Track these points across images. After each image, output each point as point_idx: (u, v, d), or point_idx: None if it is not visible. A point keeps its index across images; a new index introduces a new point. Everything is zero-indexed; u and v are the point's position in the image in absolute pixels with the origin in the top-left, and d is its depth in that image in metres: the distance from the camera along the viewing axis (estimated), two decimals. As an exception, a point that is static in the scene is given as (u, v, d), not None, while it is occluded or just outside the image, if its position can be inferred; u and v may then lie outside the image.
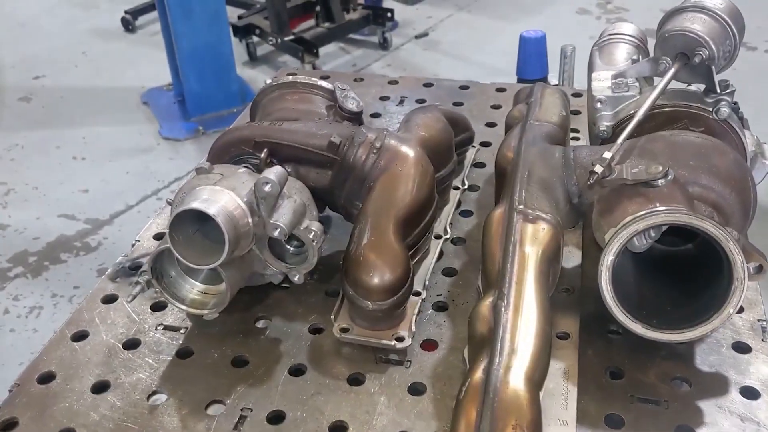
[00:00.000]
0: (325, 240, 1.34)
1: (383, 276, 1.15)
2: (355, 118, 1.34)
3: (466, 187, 1.53)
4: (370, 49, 5.29)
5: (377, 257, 1.16)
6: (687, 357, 1.17)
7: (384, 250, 1.17)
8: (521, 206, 1.15)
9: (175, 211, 1.04)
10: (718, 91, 1.26)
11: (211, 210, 1.03)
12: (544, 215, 1.15)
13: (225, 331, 1.23)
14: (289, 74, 1.63)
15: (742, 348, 1.18)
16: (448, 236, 1.39)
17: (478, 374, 0.96)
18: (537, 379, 0.97)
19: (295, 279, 1.19)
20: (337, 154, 1.26)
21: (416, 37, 5.43)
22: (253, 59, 5.16)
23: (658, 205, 1.09)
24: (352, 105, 1.32)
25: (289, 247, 1.21)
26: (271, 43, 5.01)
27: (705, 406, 1.09)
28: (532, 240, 1.11)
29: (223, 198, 1.06)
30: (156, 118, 4.57)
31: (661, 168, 1.10)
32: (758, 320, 1.22)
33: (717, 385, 1.12)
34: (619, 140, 1.17)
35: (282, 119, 1.32)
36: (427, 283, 1.28)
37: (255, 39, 5.14)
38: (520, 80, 2.64)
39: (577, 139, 1.66)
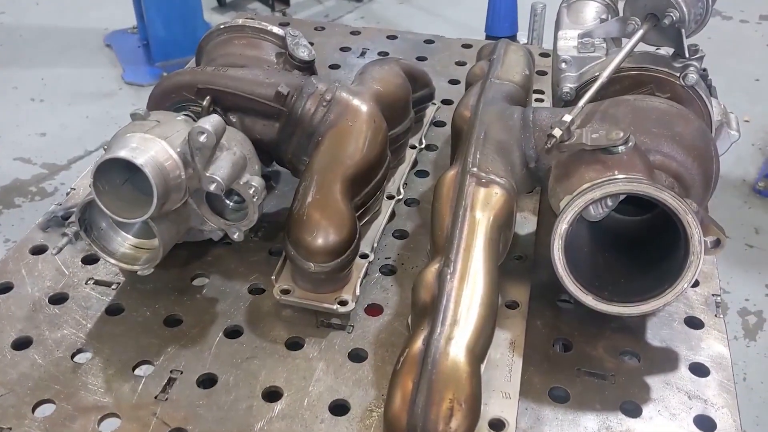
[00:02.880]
0: (268, 196, 1.29)
1: (327, 237, 1.09)
2: (307, 67, 1.26)
3: (423, 146, 1.47)
4: (343, 0, 5.14)
5: (322, 217, 1.10)
6: (638, 330, 1.13)
7: (329, 209, 1.11)
8: (474, 169, 1.09)
9: (100, 160, 0.97)
10: (687, 55, 1.20)
11: (139, 160, 0.95)
12: (498, 179, 1.09)
13: (159, 288, 1.17)
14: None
15: (694, 323, 1.14)
16: (401, 197, 1.33)
17: (418, 344, 0.92)
18: (479, 351, 0.92)
19: (235, 236, 1.13)
20: (284, 105, 1.18)
21: (391, -11, 5.29)
22: (222, 5, 4.99)
23: (616, 172, 1.03)
24: (303, 53, 1.24)
25: (228, 202, 1.14)
26: (241, -12, 4.85)
27: (653, 382, 1.05)
28: (484, 205, 1.06)
29: (153, 147, 0.99)
30: (119, 61, 4.42)
31: (621, 134, 1.04)
32: (713, 295, 1.19)
33: (666, 361, 1.09)
34: (581, 103, 1.11)
35: (228, 65, 1.24)
36: (375, 245, 1.23)
37: (225, -16, 4.97)
38: (488, 38, 2.56)
39: (542, 101, 1.60)
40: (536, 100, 1.55)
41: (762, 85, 4.32)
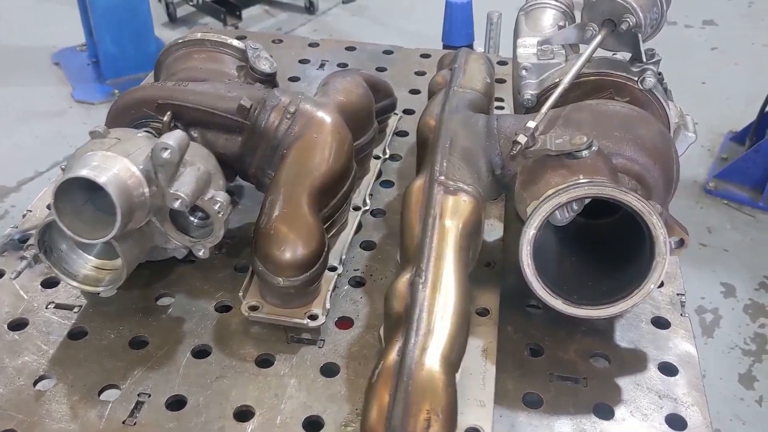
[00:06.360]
0: (233, 211, 1.26)
1: (296, 251, 1.07)
2: (268, 80, 1.24)
3: (387, 156, 1.47)
4: (295, 12, 5.13)
5: (289, 230, 1.09)
6: (607, 332, 1.14)
7: (297, 222, 1.09)
8: (442, 177, 1.09)
9: (61, 179, 0.94)
10: (644, 60, 1.22)
11: (101, 178, 0.93)
12: (465, 187, 1.09)
13: (123, 310, 1.14)
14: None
15: (661, 323, 1.16)
16: (367, 208, 1.33)
17: (393, 355, 0.91)
18: (454, 360, 0.92)
19: (200, 254, 1.10)
20: (247, 119, 1.17)
21: (343, 2, 5.30)
22: (173, 20, 4.93)
23: (581, 177, 1.04)
24: (264, 66, 1.23)
25: (193, 219, 1.12)
26: (191, 3, 4.80)
27: (623, 383, 1.06)
28: (453, 213, 1.06)
29: (116, 165, 0.96)
30: (68, 79, 4.32)
31: (585, 139, 1.06)
32: (677, 294, 1.21)
33: (636, 362, 1.10)
34: (543, 109, 1.12)
35: (188, 79, 1.22)
36: (343, 257, 1.22)
37: (176, -1, 4.91)
38: (446, 47, 2.57)
39: (502, 108, 1.61)
40: (497, 107, 1.56)
41: (708, 87, 4.44)
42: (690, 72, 4.56)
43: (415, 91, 1.70)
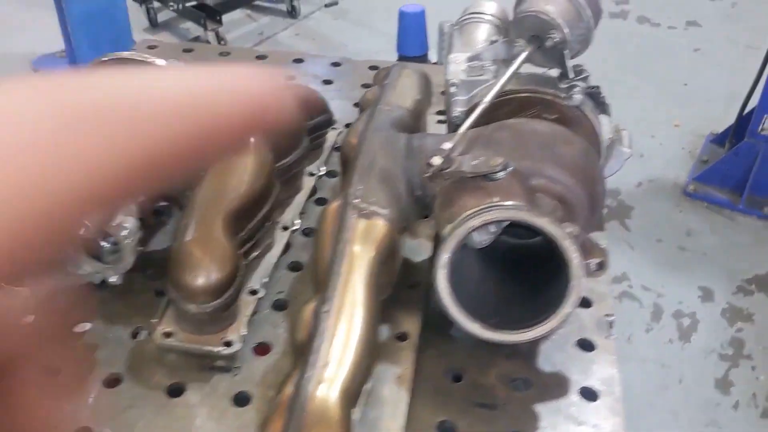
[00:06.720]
0: (159, 231, 1.25)
1: (209, 276, 1.05)
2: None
3: (323, 173, 1.44)
4: (277, 17, 5.12)
5: (203, 255, 1.06)
6: (531, 356, 1.12)
7: (210, 246, 1.07)
8: (357, 200, 1.07)
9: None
10: (571, 76, 1.20)
11: None
12: (381, 210, 1.07)
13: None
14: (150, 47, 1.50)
15: (586, 345, 1.14)
16: (296, 228, 1.31)
17: (289, 387, 0.89)
18: (353, 393, 0.90)
19: (112, 280, 1.09)
20: (163, 141, 1.14)
21: (326, 5, 5.28)
22: (154, 25, 4.92)
23: (496, 199, 1.02)
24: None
25: (105, 244, 1.10)
26: (172, 8, 4.79)
27: (543, 409, 1.04)
28: (365, 238, 1.03)
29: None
30: (47, 86, 4.31)
31: (500, 160, 1.03)
32: (605, 315, 1.18)
33: (557, 387, 1.08)
34: (461, 129, 1.10)
35: (107, 101, 1.19)
36: (266, 279, 1.19)
37: (156, 4, 4.90)
38: (400, 57, 2.55)
39: (444, 122, 1.59)
40: (439, 122, 1.54)
41: (690, 89, 4.42)
42: (672, 73, 4.54)
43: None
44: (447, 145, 1.06)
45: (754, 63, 3.57)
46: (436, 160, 1.05)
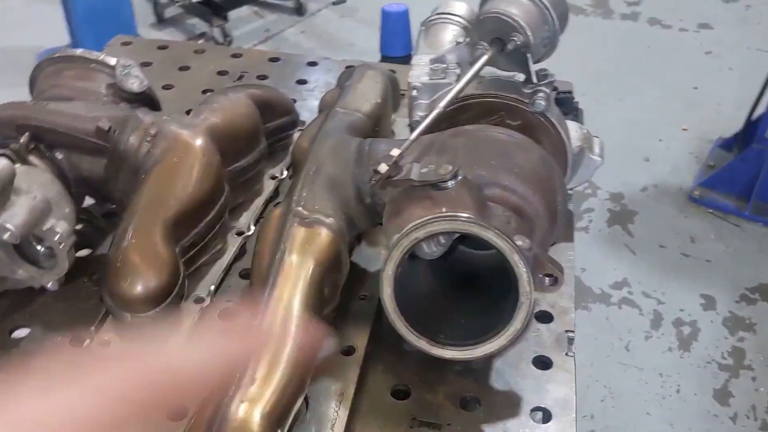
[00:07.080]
0: (109, 234, 1.21)
1: (146, 284, 1.02)
2: (139, 99, 1.19)
3: (284, 176, 1.40)
4: (284, 14, 5.08)
5: (140, 262, 1.03)
6: (483, 373, 1.07)
7: (147, 253, 1.04)
8: (299, 208, 1.02)
9: None
10: (535, 81, 1.15)
11: None
12: (324, 219, 1.03)
13: (-30, 343, 1.09)
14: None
15: (543, 363, 1.08)
16: (250, 233, 1.26)
17: (211, 407, 0.84)
18: (278, 415, 0.85)
19: (48, 285, 1.05)
20: (108, 141, 1.11)
21: (333, 3, 5.23)
22: (161, 21, 4.91)
23: (444, 209, 0.97)
24: (132, 84, 1.17)
25: (40, 248, 1.07)
26: (178, 4, 4.77)
27: (491, 430, 0.99)
28: (304, 248, 0.99)
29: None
30: (51, 81, 4.30)
31: (450, 168, 0.98)
32: (566, 331, 1.13)
33: (508, 406, 1.02)
34: (412, 136, 1.05)
35: (55, 98, 1.16)
36: (213, 287, 1.15)
37: (163, 0, 4.88)
38: (384, 58, 2.49)
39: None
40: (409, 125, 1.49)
41: (699, 93, 4.32)
42: (682, 76, 4.44)
43: (334, 105, 1.63)
44: (395, 152, 1.01)
45: (767, 67, 3.48)
46: (383, 167, 1.00)
